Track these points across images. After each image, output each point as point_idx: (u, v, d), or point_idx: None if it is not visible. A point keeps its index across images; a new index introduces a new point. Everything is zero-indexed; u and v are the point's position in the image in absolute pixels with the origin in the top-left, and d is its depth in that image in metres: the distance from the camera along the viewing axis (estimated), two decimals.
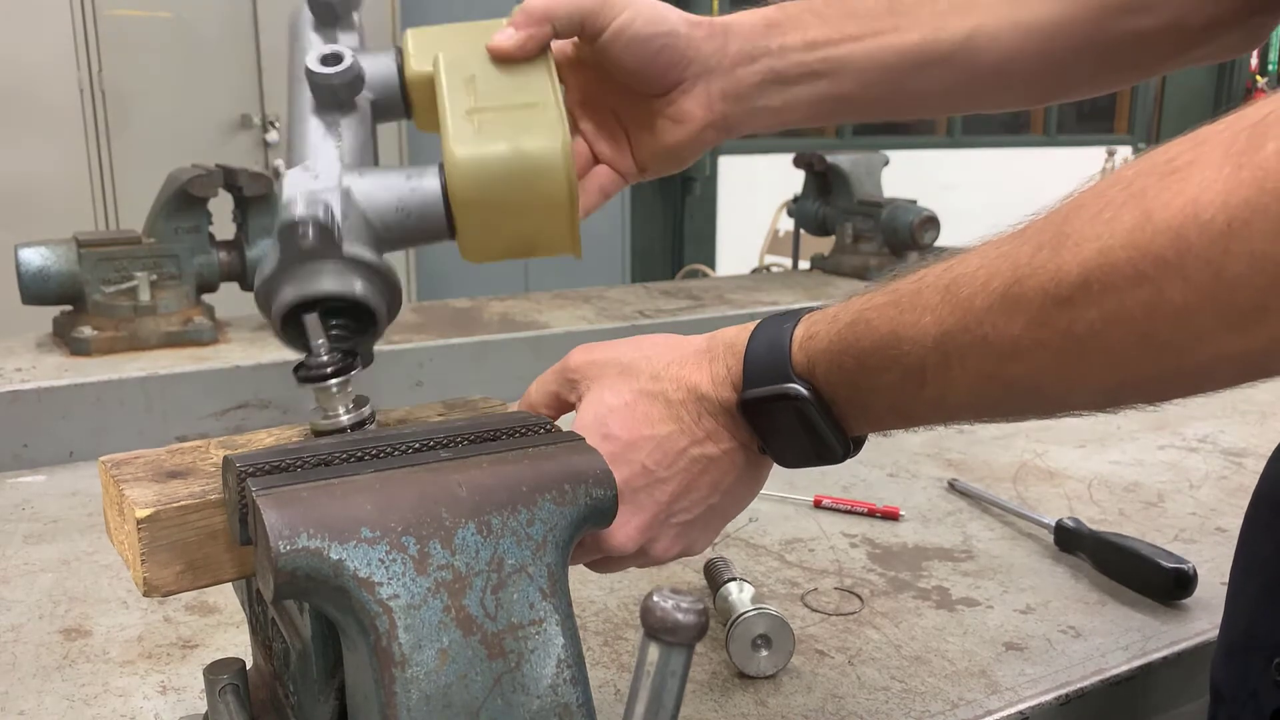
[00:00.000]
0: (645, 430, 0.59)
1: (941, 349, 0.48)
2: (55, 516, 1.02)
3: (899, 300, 0.51)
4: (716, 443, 0.59)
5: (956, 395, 0.50)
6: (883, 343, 0.51)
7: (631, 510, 0.59)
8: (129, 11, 3.42)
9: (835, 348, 0.54)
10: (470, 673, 0.46)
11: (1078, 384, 0.45)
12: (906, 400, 0.52)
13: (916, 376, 0.50)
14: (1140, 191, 0.40)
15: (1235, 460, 1.16)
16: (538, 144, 0.58)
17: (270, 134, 3.68)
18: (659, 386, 0.60)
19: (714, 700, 0.69)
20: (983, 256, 0.47)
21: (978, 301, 0.46)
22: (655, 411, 0.60)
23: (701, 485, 0.60)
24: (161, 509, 0.47)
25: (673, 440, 0.59)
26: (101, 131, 3.42)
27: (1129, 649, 0.76)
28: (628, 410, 0.60)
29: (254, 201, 1.53)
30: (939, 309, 0.48)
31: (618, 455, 0.59)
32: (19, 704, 0.69)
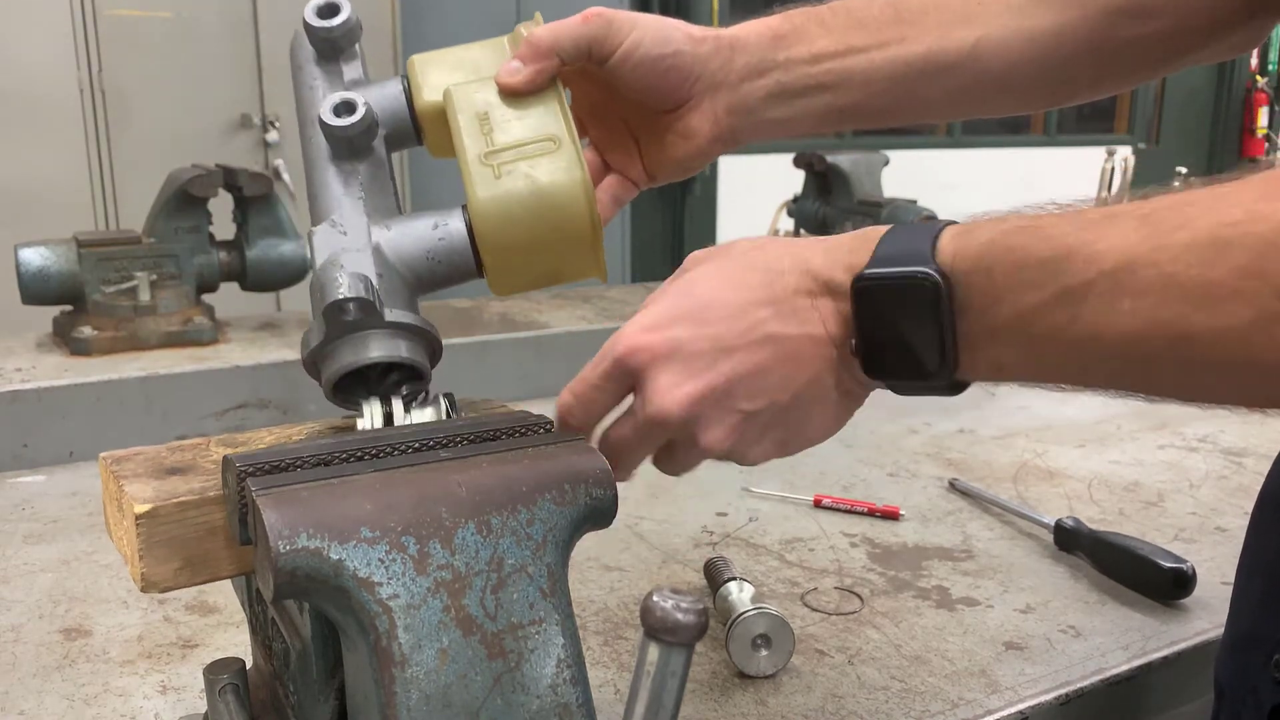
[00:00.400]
0: (727, 292, 0.54)
1: (1117, 276, 0.43)
2: (55, 516, 1.02)
3: (1084, 218, 0.45)
4: (802, 324, 0.53)
5: (1113, 336, 0.44)
6: (1050, 255, 0.45)
7: (685, 373, 0.54)
8: (129, 11, 3.41)
9: (994, 246, 0.48)
10: (470, 673, 0.46)
11: (1267, 357, 0.40)
12: (1048, 332, 0.46)
13: (1073, 302, 0.44)
14: None
15: (1235, 460, 1.16)
16: (558, 184, 0.59)
17: (270, 134, 3.68)
18: (763, 255, 0.56)
19: (714, 700, 0.69)
20: (1193, 193, 0.42)
21: (1179, 235, 0.41)
22: (748, 277, 0.55)
23: (773, 372, 0.54)
24: (160, 505, 0.47)
25: (754, 308, 0.54)
26: (101, 131, 3.42)
27: (1129, 649, 0.76)
28: (719, 273, 0.55)
29: (254, 201, 1.53)
30: (1129, 234, 0.43)
31: (689, 312, 0.54)
32: (19, 704, 0.69)
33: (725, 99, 0.68)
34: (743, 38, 0.69)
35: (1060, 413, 1.34)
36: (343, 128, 0.60)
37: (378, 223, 0.60)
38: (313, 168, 0.62)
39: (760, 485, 1.08)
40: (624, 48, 0.64)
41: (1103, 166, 2.85)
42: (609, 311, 1.61)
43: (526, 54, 0.62)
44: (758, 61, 0.68)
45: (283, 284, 1.58)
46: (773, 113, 0.69)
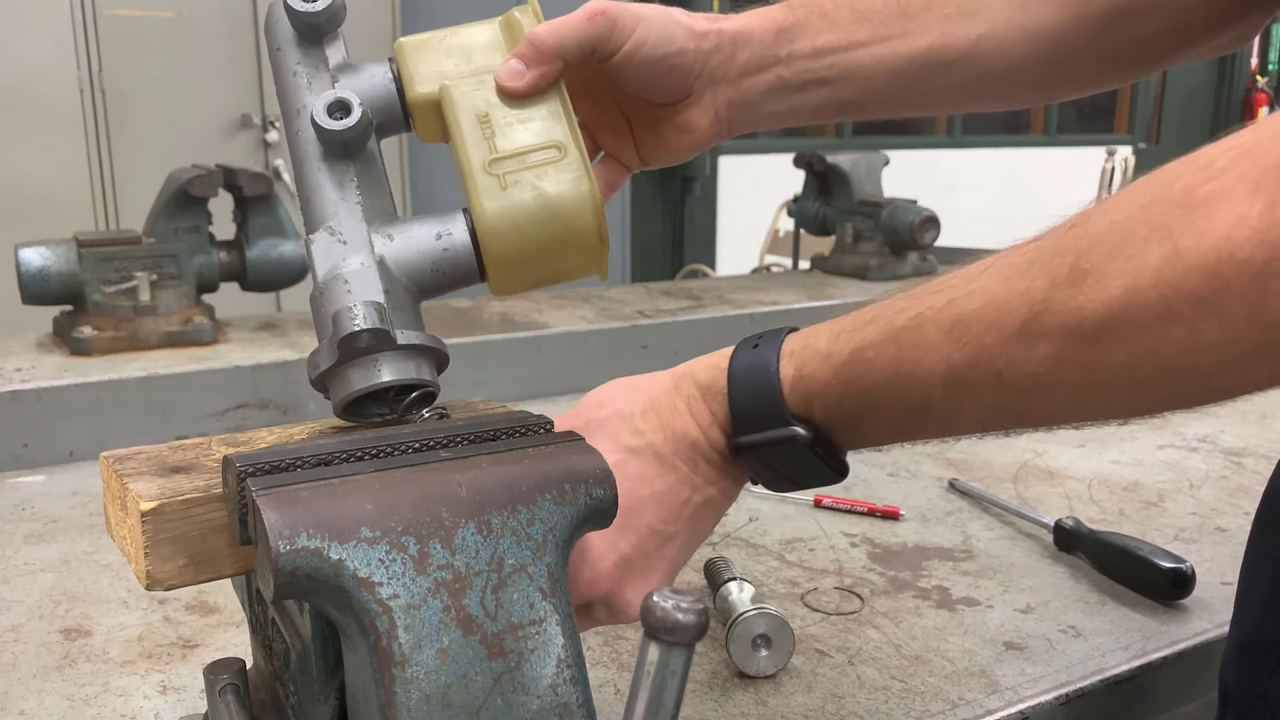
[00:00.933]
0: (643, 490, 0.58)
1: (951, 387, 0.48)
2: (55, 516, 1.02)
3: (898, 338, 0.50)
4: (717, 485, 0.59)
5: (966, 424, 0.50)
6: (885, 382, 0.50)
7: (641, 576, 0.58)
8: (129, 11, 3.42)
9: (834, 389, 0.53)
10: (470, 673, 0.46)
11: (1099, 412, 0.46)
12: (911, 429, 0.53)
13: (921, 411, 0.50)
14: (1164, 226, 0.39)
15: (1235, 460, 1.16)
16: (566, 196, 0.59)
17: (270, 134, 3.68)
18: (644, 440, 0.59)
19: (714, 700, 0.69)
20: (987, 291, 0.46)
21: (989, 339, 0.45)
22: (649, 469, 0.58)
23: (705, 530, 0.61)
24: (165, 502, 0.48)
25: (675, 493, 0.58)
26: (101, 131, 3.42)
27: (1129, 649, 0.76)
28: (619, 471, 0.56)
29: (254, 201, 1.53)
30: (944, 347, 0.47)
31: (623, 526, 0.57)
32: (19, 704, 0.69)
33: (726, 94, 0.68)
34: (746, 31, 0.68)
35: None
36: (339, 131, 0.58)
37: (378, 230, 0.59)
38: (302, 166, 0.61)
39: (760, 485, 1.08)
40: (628, 47, 0.63)
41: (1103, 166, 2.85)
42: (609, 311, 1.62)
43: (529, 55, 0.61)
44: (760, 57, 0.68)
45: (283, 284, 1.58)
46: (772, 106, 0.70)
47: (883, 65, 0.69)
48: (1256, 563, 0.68)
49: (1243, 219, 0.37)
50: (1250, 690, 0.65)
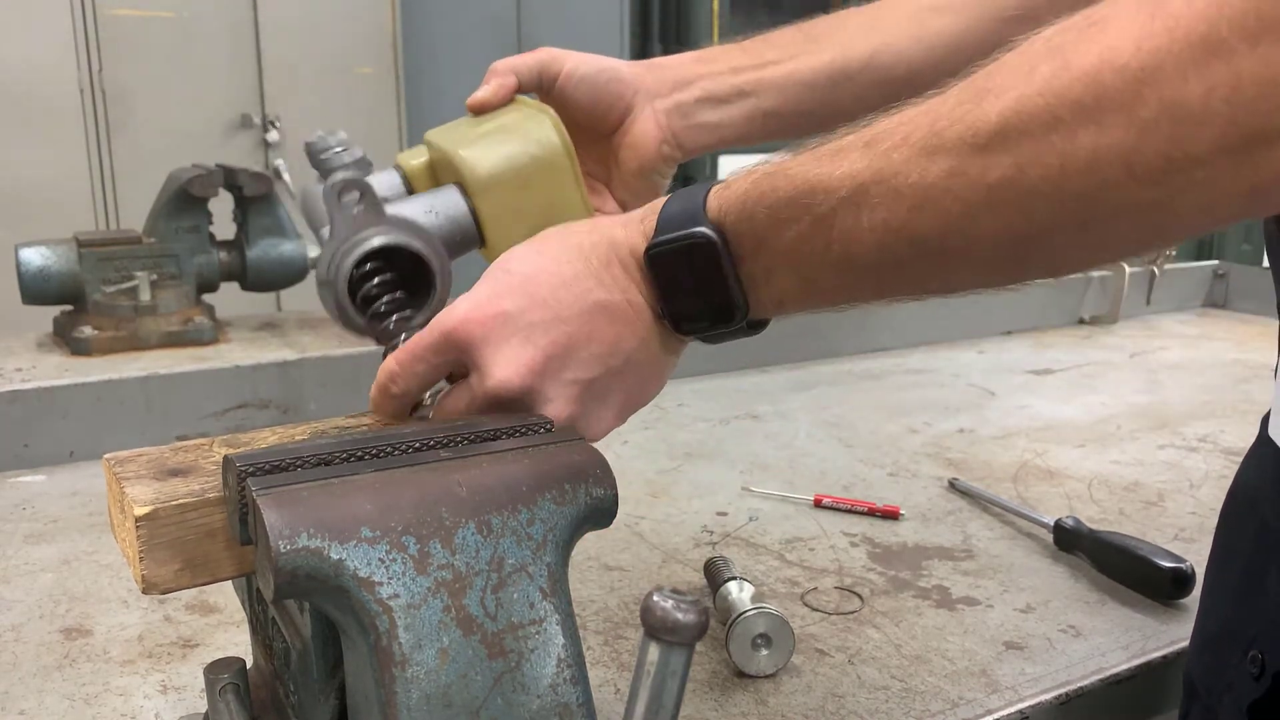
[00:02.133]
0: (549, 266, 0.57)
1: (853, 199, 0.48)
2: (55, 516, 1.02)
3: (819, 154, 0.51)
4: (621, 291, 0.58)
5: (862, 250, 0.49)
6: (796, 193, 0.51)
7: (521, 343, 0.56)
8: (129, 11, 3.41)
9: (750, 196, 0.53)
10: (470, 672, 0.46)
11: (984, 236, 0.45)
12: (813, 259, 0.52)
13: (825, 229, 0.50)
14: (1059, 46, 0.42)
15: (1235, 460, 1.16)
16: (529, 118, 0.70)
17: (270, 134, 3.68)
18: (573, 237, 0.60)
19: (714, 700, 0.69)
20: (904, 114, 0.48)
21: (895, 154, 0.47)
22: (564, 253, 0.58)
23: (603, 337, 0.57)
24: (160, 507, 0.48)
25: (578, 281, 0.57)
26: (101, 131, 3.42)
27: (1129, 648, 0.76)
28: (535, 251, 0.58)
29: (254, 201, 1.53)
30: (856, 161, 0.49)
31: (515, 287, 0.57)
32: (19, 703, 0.70)
33: (662, 104, 0.77)
34: (671, 60, 0.79)
35: (1060, 413, 1.35)
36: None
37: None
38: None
39: (760, 485, 1.08)
40: (566, 69, 0.76)
41: None
42: None
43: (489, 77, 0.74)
44: (684, 75, 0.78)
45: (283, 284, 1.59)
46: (706, 116, 0.77)
47: (793, 78, 0.77)
48: (1224, 557, 0.68)
49: (1125, 30, 0.39)
50: (1217, 681, 0.65)
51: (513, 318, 0.56)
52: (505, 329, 0.56)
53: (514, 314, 0.56)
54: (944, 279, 0.50)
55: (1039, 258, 0.47)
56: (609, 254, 0.58)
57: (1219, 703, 0.64)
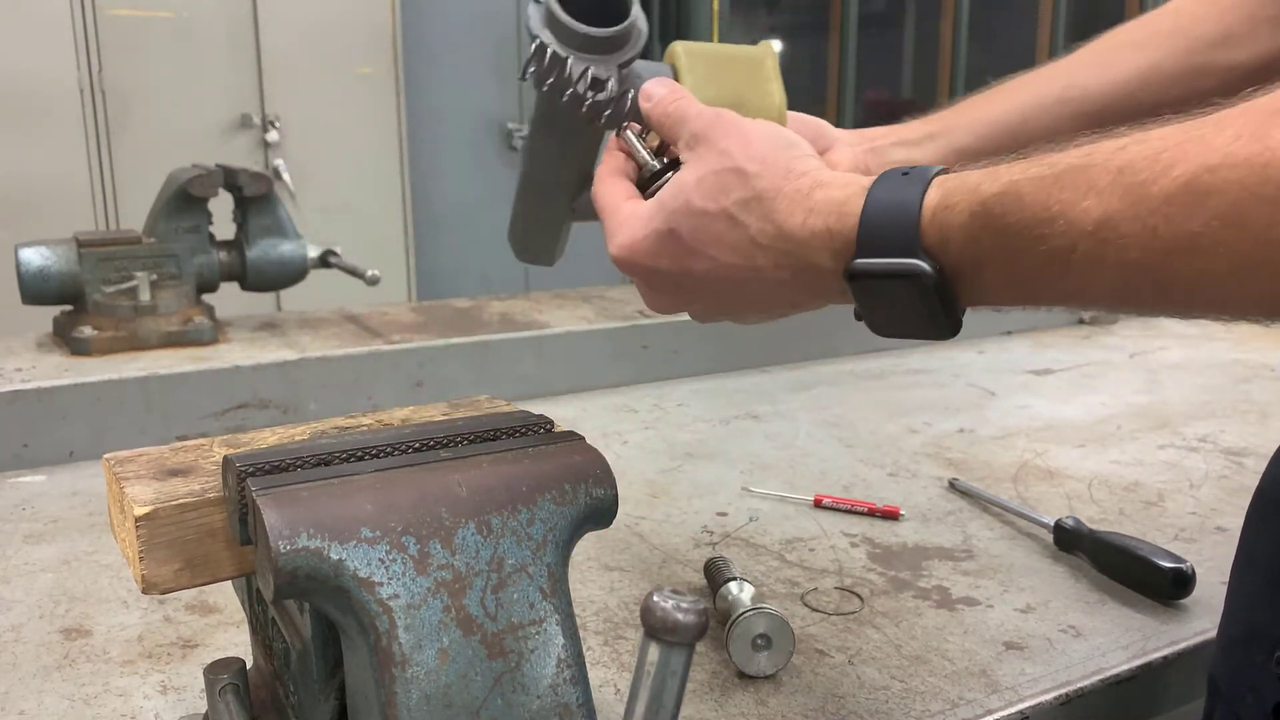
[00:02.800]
0: (711, 248, 0.58)
1: (1099, 236, 0.44)
2: (55, 516, 1.02)
3: (1059, 176, 0.46)
4: (785, 289, 0.58)
5: (1100, 287, 0.45)
6: (1032, 221, 0.46)
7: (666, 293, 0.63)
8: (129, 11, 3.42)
9: (976, 222, 0.49)
10: (470, 672, 0.46)
11: (1257, 290, 0.40)
12: (1041, 286, 0.48)
13: (1061, 263, 0.46)
14: None
15: (1235, 460, 1.16)
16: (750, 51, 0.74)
17: (270, 134, 3.68)
18: (745, 217, 0.57)
19: (714, 700, 0.69)
20: (1165, 139, 0.43)
21: (1154, 188, 0.41)
22: (730, 238, 0.58)
23: (750, 300, 0.61)
24: (160, 507, 0.48)
25: (735, 271, 0.58)
26: (101, 131, 3.42)
27: (1129, 649, 0.76)
28: (705, 220, 0.58)
29: (254, 201, 1.53)
30: (1106, 192, 0.43)
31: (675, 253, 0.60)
32: (19, 704, 0.69)
33: (860, 147, 0.79)
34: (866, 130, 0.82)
35: (1060, 413, 1.35)
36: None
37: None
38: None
39: (760, 485, 1.08)
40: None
41: None
42: (609, 311, 1.62)
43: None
44: (879, 132, 0.81)
45: (283, 284, 1.59)
46: (897, 154, 0.79)
47: (984, 119, 0.78)
48: (1248, 560, 0.68)
49: None
50: (1241, 683, 0.64)
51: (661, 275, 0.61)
52: (654, 280, 0.62)
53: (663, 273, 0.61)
54: (1186, 314, 0.46)
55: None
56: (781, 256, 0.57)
57: (1242, 703, 0.64)
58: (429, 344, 1.36)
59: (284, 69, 3.68)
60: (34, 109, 3.29)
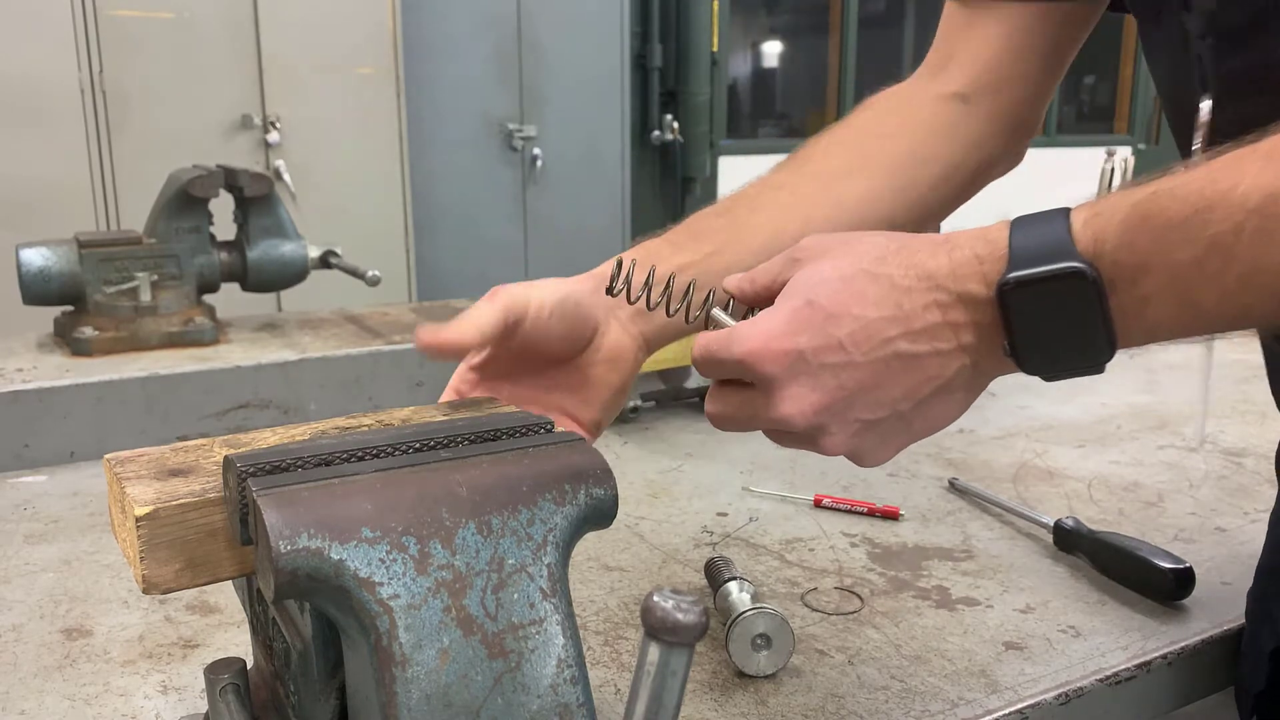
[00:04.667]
0: (854, 307, 0.54)
1: (1265, 210, 0.44)
2: (56, 516, 1.02)
3: (1211, 170, 0.46)
4: (933, 341, 0.54)
5: (1271, 270, 0.45)
6: (1191, 212, 0.46)
7: (811, 386, 0.55)
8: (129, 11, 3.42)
9: (1131, 221, 0.48)
10: (471, 672, 0.46)
11: None
12: (1205, 283, 0.47)
13: (1224, 251, 0.45)
14: None
15: (1235, 460, 1.16)
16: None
17: (271, 134, 3.68)
18: (885, 269, 0.55)
19: (714, 700, 0.70)
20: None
21: None
22: (873, 291, 0.54)
23: (897, 385, 0.55)
24: (160, 506, 0.48)
25: (881, 326, 0.54)
26: (102, 131, 3.42)
27: (1129, 649, 0.76)
28: (843, 283, 0.55)
29: (255, 202, 1.53)
30: (1264, 173, 0.44)
31: (815, 323, 0.54)
32: (20, 704, 0.70)
33: (625, 312, 0.73)
34: (604, 270, 0.72)
35: (1060, 413, 1.35)
36: None
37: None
38: None
39: (760, 485, 1.08)
40: (532, 308, 0.67)
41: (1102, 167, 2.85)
42: None
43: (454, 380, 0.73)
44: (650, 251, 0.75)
45: (283, 285, 1.59)
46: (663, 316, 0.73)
47: (735, 267, 0.71)
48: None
49: None
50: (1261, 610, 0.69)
51: (806, 357, 0.55)
52: (796, 366, 0.55)
53: (808, 353, 0.55)
54: None
55: None
56: (926, 298, 0.54)
57: (1261, 627, 0.68)
58: None
59: (284, 69, 3.68)
60: (34, 109, 3.29)
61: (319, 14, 3.73)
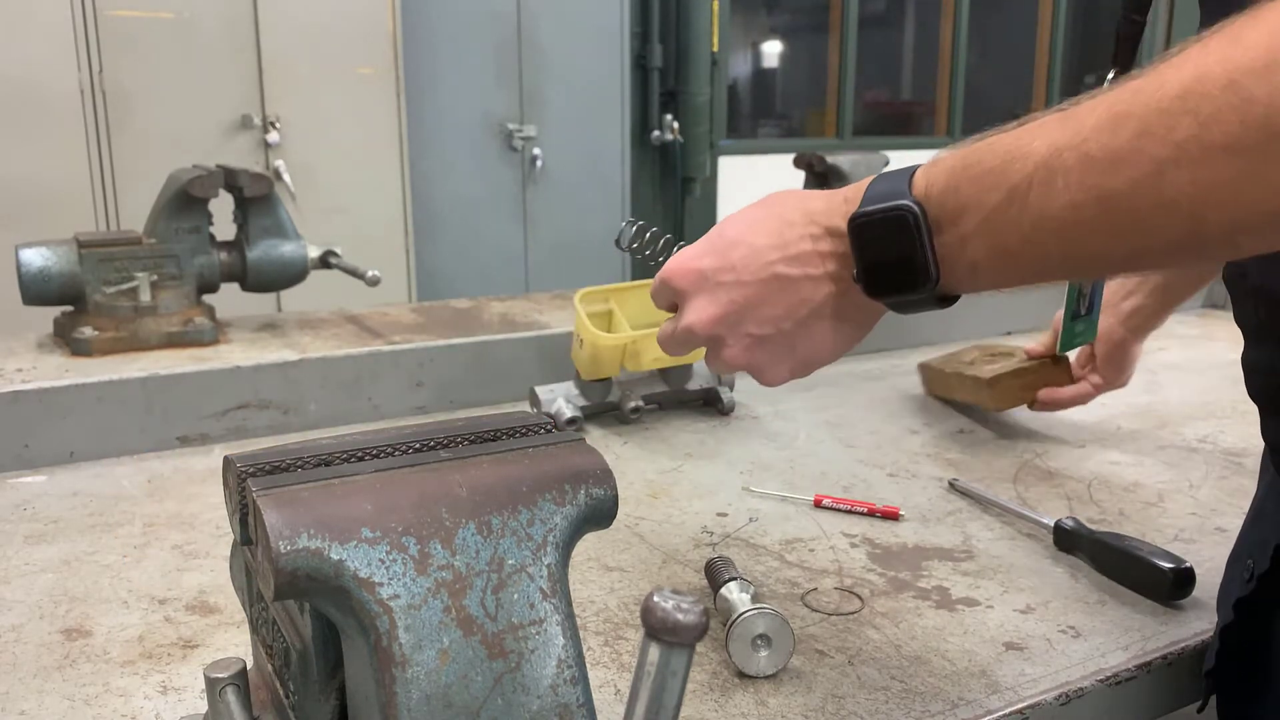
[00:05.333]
0: (747, 235, 0.67)
1: (1049, 164, 0.52)
2: (56, 517, 1.02)
3: (1025, 126, 0.55)
4: (805, 266, 0.65)
5: (1054, 212, 0.52)
6: (998, 163, 0.55)
7: (709, 299, 0.68)
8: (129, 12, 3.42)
9: (955, 169, 0.58)
10: (471, 673, 0.46)
11: (1170, 194, 0.48)
12: (1007, 225, 0.55)
13: (1021, 194, 0.53)
14: (1229, 29, 0.46)
15: (1235, 460, 1.16)
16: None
17: (271, 135, 3.68)
18: (782, 209, 0.68)
19: (714, 700, 0.70)
20: (1110, 92, 0.51)
21: (1088, 120, 0.50)
22: (764, 224, 0.67)
23: (777, 303, 0.66)
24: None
25: (764, 252, 0.66)
26: (102, 132, 3.42)
27: (1129, 649, 0.76)
28: (743, 217, 0.69)
29: (254, 202, 1.53)
30: (1052, 130, 0.52)
31: (718, 249, 0.68)
32: (20, 704, 0.70)
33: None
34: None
35: (1060, 413, 1.34)
36: None
37: None
38: None
39: (760, 485, 1.08)
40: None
41: None
42: None
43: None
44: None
45: (283, 285, 1.59)
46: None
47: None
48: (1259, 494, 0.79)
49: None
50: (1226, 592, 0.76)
51: (707, 275, 0.68)
52: (700, 283, 0.69)
53: (708, 272, 0.68)
54: (1130, 244, 0.52)
55: (1218, 216, 0.48)
56: (803, 230, 0.65)
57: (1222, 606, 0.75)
58: (429, 344, 1.36)
59: (284, 69, 3.68)
60: (34, 109, 3.29)
61: (319, 14, 3.73)
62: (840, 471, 1.12)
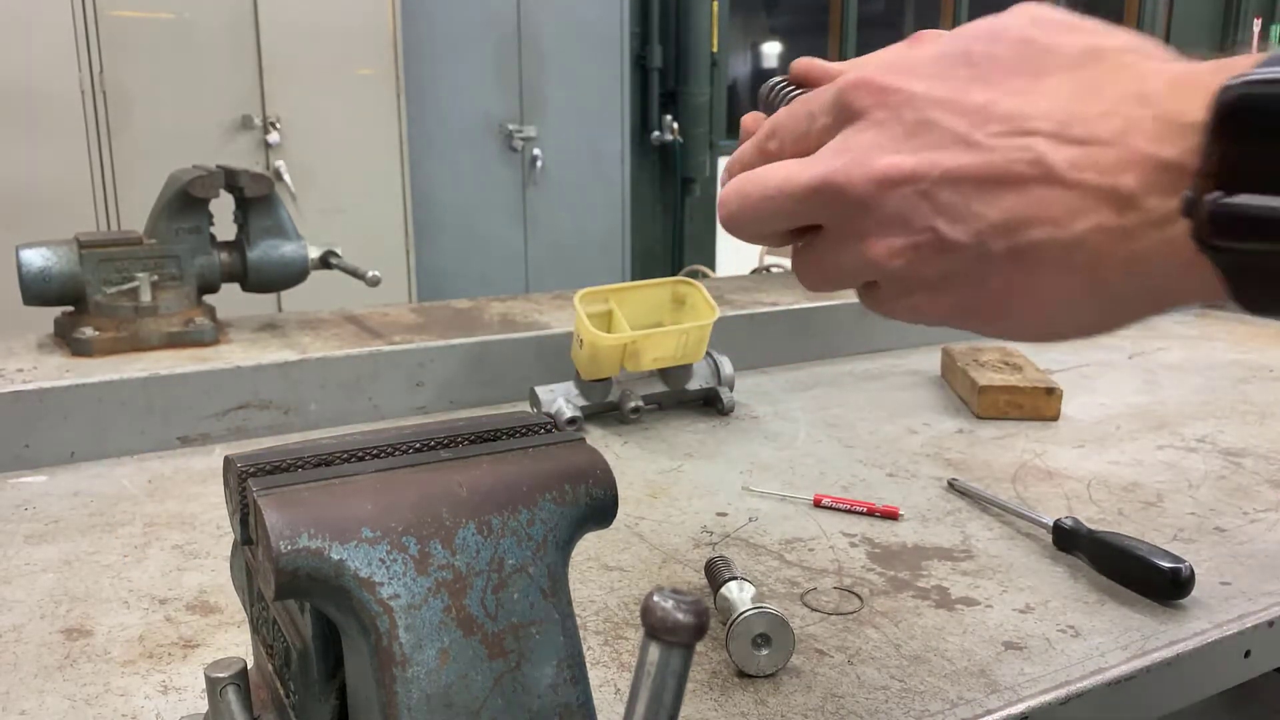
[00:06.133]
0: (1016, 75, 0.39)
1: None
2: (56, 517, 1.02)
3: None
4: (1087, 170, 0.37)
5: None
6: None
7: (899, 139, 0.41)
8: (129, 12, 3.42)
9: None
10: (471, 673, 0.46)
11: None
12: None
13: None
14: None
15: (1235, 460, 1.16)
16: None
17: (271, 135, 3.68)
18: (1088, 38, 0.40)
19: (714, 699, 0.70)
20: None
21: None
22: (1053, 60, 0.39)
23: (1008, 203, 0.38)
24: None
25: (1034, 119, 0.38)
26: (102, 132, 3.43)
27: (1128, 649, 0.76)
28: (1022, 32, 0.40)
29: (255, 202, 1.53)
30: None
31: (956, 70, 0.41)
32: (20, 704, 0.70)
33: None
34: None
35: (1060, 413, 1.35)
36: None
37: None
38: None
39: (760, 485, 1.08)
40: None
41: None
42: None
43: None
44: None
45: (284, 285, 1.59)
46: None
47: None
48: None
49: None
50: None
51: (915, 102, 0.41)
52: (897, 113, 0.41)
53: (922, 101, 0.41)
54: None
55: None
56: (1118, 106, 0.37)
57: None
58: (429, 344, 1.36)
59: (284, 70, 3.68)
60: (35, 110, 3.29)
61: (319, 14, 3.73)
62: (840, 471, 1.12)
